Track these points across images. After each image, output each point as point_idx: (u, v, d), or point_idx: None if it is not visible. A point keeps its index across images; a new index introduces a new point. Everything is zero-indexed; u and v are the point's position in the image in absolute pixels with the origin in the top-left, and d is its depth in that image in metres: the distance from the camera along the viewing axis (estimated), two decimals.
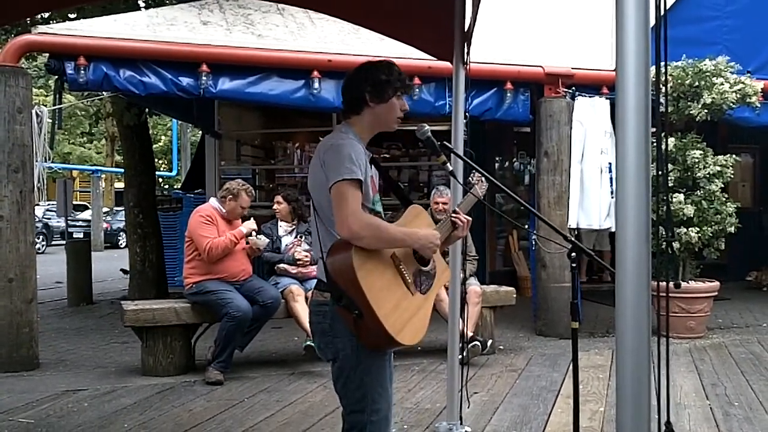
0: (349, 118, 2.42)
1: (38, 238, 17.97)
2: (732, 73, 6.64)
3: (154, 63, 5.92)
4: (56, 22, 7.48)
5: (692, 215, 6.39)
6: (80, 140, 29.50)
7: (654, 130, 1.52)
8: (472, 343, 5.35)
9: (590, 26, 7.09)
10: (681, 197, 6.44)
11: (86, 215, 24.20)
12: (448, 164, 2.72)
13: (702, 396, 4.63)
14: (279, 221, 5.83)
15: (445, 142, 2.84)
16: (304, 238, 5.70)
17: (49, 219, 22.05)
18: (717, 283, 6.68)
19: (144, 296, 8.10)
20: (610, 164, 6.69)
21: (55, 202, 13.26)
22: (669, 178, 6.41)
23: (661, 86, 2.03)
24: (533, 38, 7.07)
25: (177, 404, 4.53)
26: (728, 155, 6.73)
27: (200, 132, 11.99)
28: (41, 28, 5.90)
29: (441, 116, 6.19)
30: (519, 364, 5.56)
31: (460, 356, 3.96)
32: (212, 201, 5.50)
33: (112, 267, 12.82)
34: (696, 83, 6.56)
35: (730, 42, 7.21)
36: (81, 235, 20.89)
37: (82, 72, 5.68)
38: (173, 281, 8.93)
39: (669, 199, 6.16)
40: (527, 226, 8.49)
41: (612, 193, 6.67)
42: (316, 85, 6.18)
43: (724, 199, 6.63)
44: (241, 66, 6.13)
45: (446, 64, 3.85)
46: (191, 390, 4.88)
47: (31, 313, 5.52)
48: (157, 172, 16.24)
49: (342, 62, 6.06)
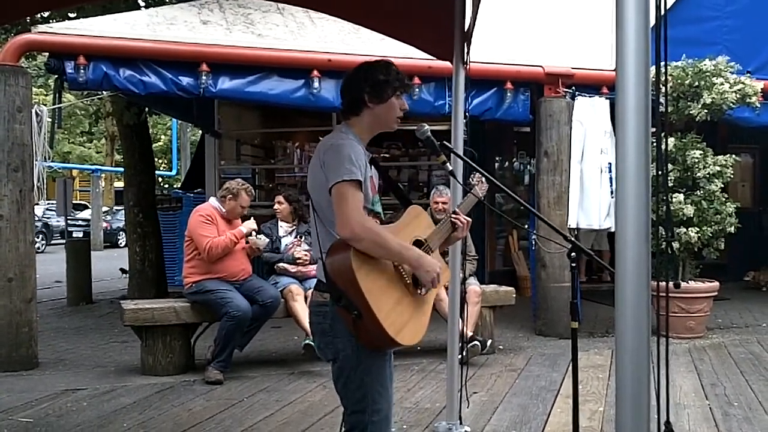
0: (349, 119, 2.41)
1: (38, 238, 17.97)
2: (732, 73, 6.64)
3: (154, 62, 5.92)
4: (56, 22, 7.47)
5: (692, 215, 6.39)
6: (80, 139, 29.51)
7: (654, 130, 1.52)
8: (472, 343, 5.35)
9: (590, 26, 7.10)
10: (681, 197, 6.44)
11: (86, 214, 24.19)
12: (448, 164, 2.72)
13: (701, 396, 4.63)
14: (279, 221, 5.83)
15: (445, 142, 2.84)
16: (304, 239, 5.69)
17: (49, 218, 22.05)
18: (717, 283, 6.68)
19: (143, 296, 8.10)
20: (610, 164, 6.68)
21: (55, 202, 13.26)
22: (669, 178, 6.41)
23: (661, 86, 2.03)
24: (533, 38, 7.07)
25: (176, 404, 4.53)
26: (728, 155, 6.73)
27: (200, 131, 11.99)
28: (41, 28, 5.90)
29: (441, 116, 6.19)
30: (518, 364, 5.57)
31: (460, 356, 3.96)
32: (212, 200, 5.50)
33: (112, 266, 12.81)
34: (696, 83, 6.56)
35: (730, 42, 7.21)
36: (81, 235, 20.88)
37: (82, 71, 5.68)
38: (173, 281, 8.93)
39: (669, 199, 6.17)
40: (527, 226, 8.49)
41: (612, 193, 6.66)
42: (316, 85, 6.18)
43: (724, 199, 6.63)
44: (241, 65, 6.13)
45: (446, 64, 3.85)
46: (191, 389, 4.88)
47: (31, 313, 5.52)
48: (157, 172, 16.24)
49: (342, 62, 6.06)
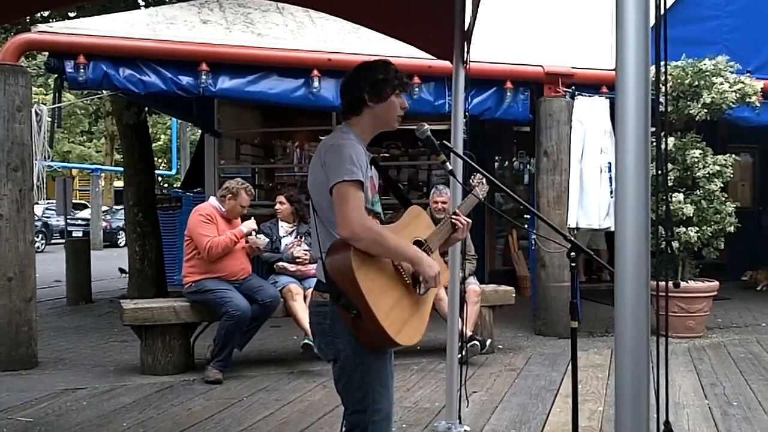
0: (350, 119, 2.41)
1: (37, 237, 17.98)
2: (732, 73, 6.64)
3: (154, 62, 5.92)
4: (56, 21, 7.48)
5: (692, 215, 6.38)
6: (80, 139, 29.52)
7: (654, 130, 1.52)
8: (471, 343, 5.35)
9: (590, 26, 7.10)
10: (680, 197, 6.43)
11: (85, 214, 24.18)
12: (448, 163, 2.71)
13: (701, 395, 4.63)
14: (279, 221, 5.83)
15: (445, 142, 2.84)
16: (304, 239, 5.70)
17: (49, 218, 22.06)
18: (716, 283, 6.68)
19: (143, 295, 8.10)
20: (610, 164, 6.68)
21: (55, 201, 13.27)
22: (668, 178, 6.41)
23: (661, 86, 2.03)
24: (533, 37, 7.07)
25: (176, 403, 4.53)
26: (728, 155, 6.73)
27: (200, 131, 11.99)
28: (41, 27, 5.90)
29: (441, 115, 6.19)
30: (518, 364, 5.57)
31: (459, 355, 3.96)
32: (212, 200, 5.50)
33: (112, 266, 12.81)
34: (696, 83, 6.56)
35: (730, 42, 7.21)
36: (80, 234, 20.89)
37: (82, 70, 5.68)
38: (172, 280, 8.93)
39: (668, 199, 6.16)
40: (527, 226, 8.49)
41: (611, 193, 6.66)
42: (316, 84, 6.18)
43: (724, 199, 6.63)
44: (241, 65, 6.12)
45: (446, 64, 3.85)
46: (190, 389, 4.88)
47: (30, 312, 5.52)
48: (157, 171, 16.27)
49: (342, 61, 6.06)
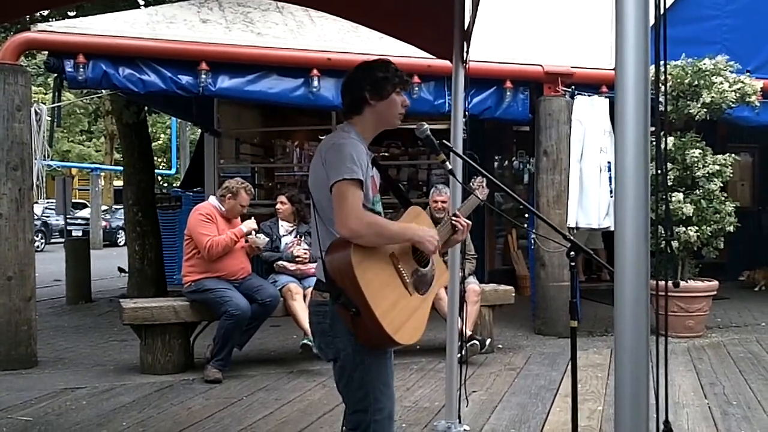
0: (351, 119, 2.42)
1: (37, 236, 17.97)
2: (731, 73, 6.64)
3: (154, 61, 5.91)
4: (55, 20, 7.48)
5: (691, 214, 6.38)
6: (79, 138, 29.51)
7: (653, 129, 1.52)
8: (471, 342, 5.35)
9: (590, 25, 7.09)
10: (680, 196, 6.43)
11: (85, 213, 24.19)
12: (447, 163, 2.71)
13: (700, 395, 4.63)
14: (280, 220, 5.83)
15: (444, 141, 2.84)
16: (304, 238, 5.70)
17: (48, 217, 22.06)
18: (716, 283, 6.68)
19: (143, 294, 8.10)
20: (609, 163, 6.68)
21: (54, 200, 13.27)
22: (668, 177, 6.41)
23: (661, 85, 2.03)
24: (533, 37, 7.06)
25: (175, 402, 4.53)
26: (727, 154, 6.72)
27: (199, 130, 11.99)
28: (40, 26, 5.90)
29: (440, 115, 6.19)
30: (518, 363, 5.57)
31: (459, 355, 3.96)
32: (211, 199, 5.50)
33: (111, 265, 12.80)
34: (695, 82, 6.56)
35: (730, 41, 7.21)
36: (80, 233, 20.92)
37: (81, 70, 5.68)
38: (172, 279, 8.93)
39: (668, 198, 6.16)
40: (526, 225, 8.49)
41: (611, 192, 6.66)
42: (316, 84, 6.18)
43: (723, 199, 6.63)
44: (241, 64, 6.12)
45: (446, 63, 3.85)
46: (190, 388, 4.88)
47: (30, 311, 5.52)
48: (156, 171, 16.25)
49: (341, 60, 6.06)
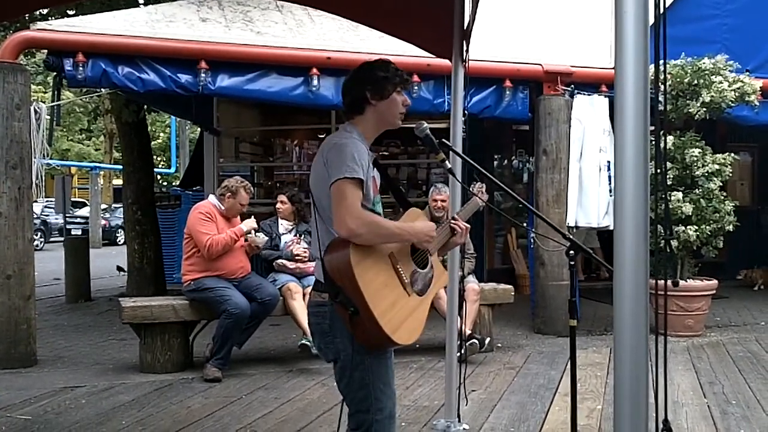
0: (353, 119, 2.42)
1: (36, 235, 17.98)
2: (731, 72, 6.64)
3: (153, 60, 5.91)
4: (55, 19, 7.48)
5: (691, 213, 6.38)
6: (79, 137, 29.50)
7: (653, 129, 1.52)
8: (470, 341, 5.35)
9: (589, 24, 7.09)
10: (679, 195, 6.43)
11: (84, 212, 24.18)
12: (447, 162, 2.72)
13: (699, 394, 4.63)
14: (279, 219, 5.83)
15: (444, 140, 2.84)
16: (304, 237, 5.70)
17: (48, 216, 22.05)
18: (715, 282, 6.68)
19: (142, 293, 8.10)
20: (609, 162, 6.68)
21: (54, 199, 13.28)
22: (668, 177, 6.41)
23: (660, 84, 2.03)
24: (532, 36, 7.07)
25: (175, 401, 4.53)
26: (727, 154, 6.72)
27: (199, 129, 11.98)
28: (40, 25, 5.90)
29: (440, 114, 6.19)
30: (517, 362, 5.57)
31: (459, 354, 3.96)
32: (211, 198, 5.49)
33: (111, 264, 12.80)
34: (695, 82, 6.56)
35: (730, 41, 7.21)
36: (79, 232, 20.91)
37: (81, 68, 5.67)
38: (171, 278, 8.94)
39: (667, 198, 6.17)
40: (526, 224, 8.49)
41: (610, 191, 6.66)
42: (315, 83, 6.17)
43: (723, 198, 6.63)
44: (240, 63, 6.12)
45: (445, 62, 3.85)
46: (189, 387, 4.88)
47: (29, 310, 5.52)
48: (156, 169, 16.26)
49: (341, 60, 6.06)
